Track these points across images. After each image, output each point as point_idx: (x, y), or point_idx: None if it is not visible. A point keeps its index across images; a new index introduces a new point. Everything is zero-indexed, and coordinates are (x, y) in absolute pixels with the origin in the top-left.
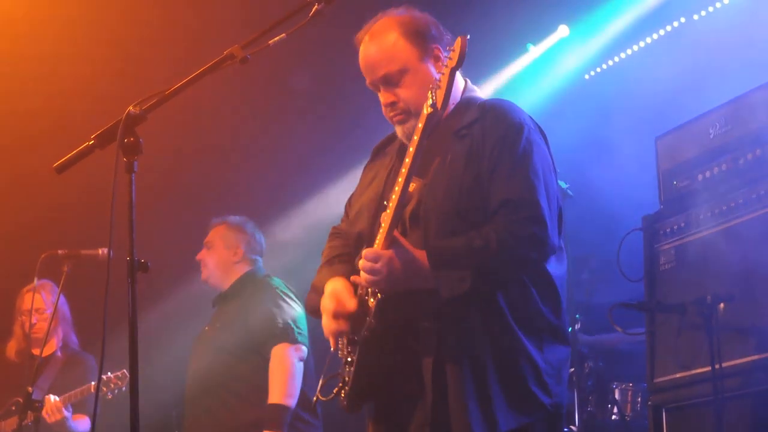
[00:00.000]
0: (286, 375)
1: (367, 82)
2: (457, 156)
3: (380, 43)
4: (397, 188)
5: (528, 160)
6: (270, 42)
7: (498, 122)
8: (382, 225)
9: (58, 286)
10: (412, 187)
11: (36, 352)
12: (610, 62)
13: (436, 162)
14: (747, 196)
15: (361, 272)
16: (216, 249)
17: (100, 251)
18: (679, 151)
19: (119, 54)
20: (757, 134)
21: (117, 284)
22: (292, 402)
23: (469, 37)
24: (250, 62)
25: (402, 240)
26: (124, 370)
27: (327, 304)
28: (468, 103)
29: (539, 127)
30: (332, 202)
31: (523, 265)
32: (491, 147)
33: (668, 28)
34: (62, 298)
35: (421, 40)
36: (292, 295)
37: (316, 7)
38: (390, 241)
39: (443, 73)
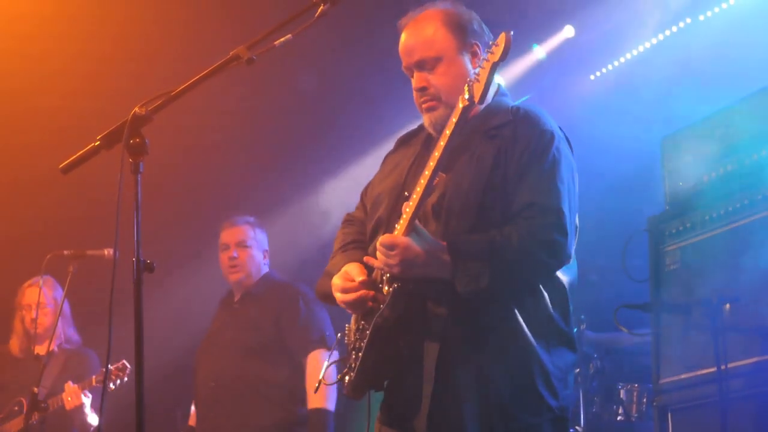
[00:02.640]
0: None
1: (403, 65)
2: (486, 155)
3: (421, 29)
4: (422, 180)
5: (556, 169)
6: (276, 43)
7: (530, 128)
8: (404, 215)
9: (61, 285)
10: (436, 180)
11: (38, 350)
12: (616, 63)
13: (464, 158)
14: (752, 197)
15: (378, 256)
16: (252, 249)
17: (105, 251)
18: (685, 152)
19: (125, 54)
20: (763, 135)
21: (122, 284)
22: (332, 405)
23: (513, 33)
24: (255, 62)
25: (422, 230)
26: (124, 361)
27: (337, 281)
28: (500, 105)
29: (567, 138)
30: (334, 202)
31: (539, 270)
32: (521, 152)
33: (674, 28)
34: (61, 295)
35: (462, 33)
36: (318, 302)
37: (321, 7)
38: (410, 230)
39: (483, 67)
